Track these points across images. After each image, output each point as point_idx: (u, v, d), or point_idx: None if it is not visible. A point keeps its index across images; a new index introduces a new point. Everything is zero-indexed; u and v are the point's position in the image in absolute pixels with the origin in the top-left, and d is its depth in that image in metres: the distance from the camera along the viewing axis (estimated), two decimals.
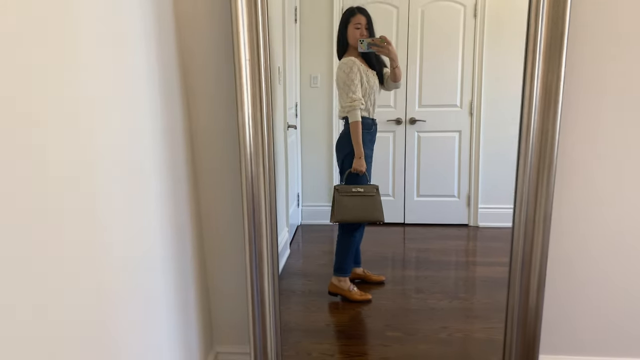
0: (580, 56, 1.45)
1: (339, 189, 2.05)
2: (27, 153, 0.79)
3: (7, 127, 0.75)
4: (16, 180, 0.76)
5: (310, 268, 2.33)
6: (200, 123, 1.65)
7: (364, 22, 1.97)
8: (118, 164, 1.12)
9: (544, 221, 1.38)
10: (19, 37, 0.78)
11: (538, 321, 1.45)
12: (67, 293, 0.90)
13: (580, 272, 1.66)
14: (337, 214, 2.05)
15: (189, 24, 1.55)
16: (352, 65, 1.98)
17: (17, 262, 0.77)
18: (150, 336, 1.30)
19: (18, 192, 0.77)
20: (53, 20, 0.88)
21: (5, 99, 0.74)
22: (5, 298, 0.74)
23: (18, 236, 0.77)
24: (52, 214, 0.86)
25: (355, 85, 1.98)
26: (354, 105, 1.99)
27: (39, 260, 0.82)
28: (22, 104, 0.78)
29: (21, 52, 0.79)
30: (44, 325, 0.83)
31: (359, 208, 2.05)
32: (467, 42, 2.05)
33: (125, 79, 1.17)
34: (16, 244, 0.76)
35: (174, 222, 1.48)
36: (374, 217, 2.05)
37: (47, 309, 0.84)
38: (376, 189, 2.06)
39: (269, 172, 1.47)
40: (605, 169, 1.55)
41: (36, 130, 0.82)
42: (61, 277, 0.89)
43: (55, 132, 0.87)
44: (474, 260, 2.28)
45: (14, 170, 0.76)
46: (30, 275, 0.80)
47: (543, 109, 1.31)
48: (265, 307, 1.57)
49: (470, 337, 1.88)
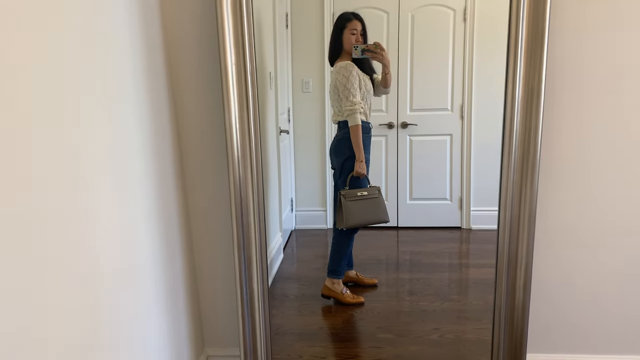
0: (561, 56, 1.47)
1: (344, 195, 2.06)
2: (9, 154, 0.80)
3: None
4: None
5: (303, 272, 2.33)
6: (187, 126, 1.66)
7: (360, 28, 1.99)
8: (106, 169, 1.13)
9: (528, 220, 1.40)
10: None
11: (525, 319, 1.46)
12: (57, 297, 0.91)
13: (567, 270, 1.67)
14: (348, 220, 2.05)
15: (175, 27, 1.57)
16: (351, 70, 1.99)
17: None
18: (140, 339, 1.30)
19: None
20: (37, 15, 0.89)
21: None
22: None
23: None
24: (40, 216, 0.87)
25: (355, 89, 2.00)
26: (355, 109, 2.00)
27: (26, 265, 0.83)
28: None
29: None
30: (33, 328, 0.84)
31: (367, 211, 2.07)
32: (457, 46, 2.07)
33: (111, 80, 1.18)
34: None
35: (163, 226, 1.48)
36: (381, 218, 2.09)
37: (32, 317, 0.85)
38: (378, 190, 2.07)
39: (257, 176, 1.48)
40: (590, 165, 1.57)
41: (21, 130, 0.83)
42: (49, 280, 0.90)
43: (42, 136, 0.89)
44: (467, 262, 2.28)
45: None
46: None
47: (525, 109, 1.32)
48: (255, 310, 1.58)
49: (461, 338, 1.89)
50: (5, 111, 0.80)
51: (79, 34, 1.04)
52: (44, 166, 0.90)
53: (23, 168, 0.84)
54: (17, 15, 0.84)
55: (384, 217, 2.09)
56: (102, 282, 1.11)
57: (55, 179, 0.93)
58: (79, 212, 1.01)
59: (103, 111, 1.13)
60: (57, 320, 0.93)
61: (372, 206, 2.07)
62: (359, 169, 2.05)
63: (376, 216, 2.08)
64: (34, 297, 0.86)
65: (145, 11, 1.39)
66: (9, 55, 0.81)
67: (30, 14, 0.87)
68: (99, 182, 1.10)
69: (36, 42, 0.89)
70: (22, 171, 0.83)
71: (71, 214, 0.98)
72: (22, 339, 0.83)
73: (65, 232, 0.96)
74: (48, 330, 0.90)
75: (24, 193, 0.84)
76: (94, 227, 1.08)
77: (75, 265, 0.99)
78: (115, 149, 1.18)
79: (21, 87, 0.84)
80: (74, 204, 1.00)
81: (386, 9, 2.09)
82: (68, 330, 0.96)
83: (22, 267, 0.83)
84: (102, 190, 1.11)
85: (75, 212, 1.00)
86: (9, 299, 0.80)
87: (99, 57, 1.12)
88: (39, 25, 0.90)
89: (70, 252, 0.98)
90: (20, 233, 0.83)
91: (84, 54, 1.05)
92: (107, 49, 1.16)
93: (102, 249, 1.11)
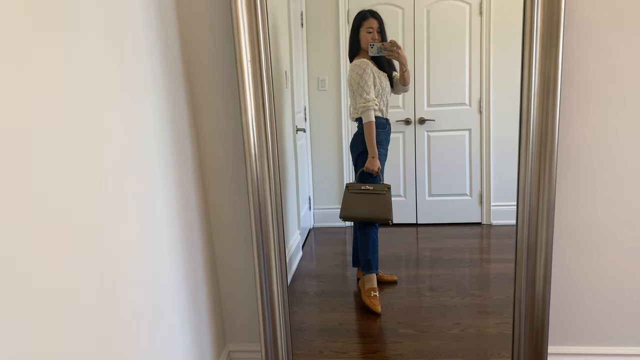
0: (577, 41, 1.45)
1: (348, 186, 2.07)
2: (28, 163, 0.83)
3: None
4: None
5: (323, 269, 2.34)
6: (205, 125, 1.68)
7: (376, 25, 1.99)
8: (127, 172, 1.15)
9: (547, 211, 1.38)
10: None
11: (545, 312, 1.44)
12: (81, 295, 0.93)
13: (588, 261, 1.64)
14: (343, 210, 2.06)
15: (192, 28, 1.59)
16: (365, 67, 2.00)
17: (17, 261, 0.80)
18: (163, 335, 1.33)
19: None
20: (55, 10, 0.92)
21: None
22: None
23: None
24: (60, 219, 0.89)
25: (368, 86, 2.01)
26: (368, 105, 2.01)
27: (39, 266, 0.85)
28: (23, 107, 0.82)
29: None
30: (56, 326, 0.87)
31: (366, 206, 2.05)
32: (473, 40, 2.05)
33: (129, 79, 1.20)
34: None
35: (183, 222, 1.51)
36: (381, 215, 2.05)
37: (60, 311, 0.87)
38: (387, 188, 2.06)
39: (274, 174, 1.50)
40: (608, 153, 1.54)
41: (46, 131, 0.85)
42: (73, 279, 0.92)
43: (65, 143, 0.91)
44: (487, 257, 2.26)
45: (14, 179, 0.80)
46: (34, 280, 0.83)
47: (542, 99, 1.31)
48: (275, 306, 1.59)
49: (482, 332, 1.87)
50: (24, 116, 0.82)
51: (103, 45, 1.06)
52: (62, 170, 0.92)
53: (38, 170, 0.86)
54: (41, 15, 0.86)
55: (383, 215, 2.04)
56: (124, 278, 1.13)
57: (75, 181, 0.95)
58: (106, 217, 1.04)
59: (121, 113, 1.16)
60: (76, 322, 0.95)
61: (373, 202, 2.05)
62: (370, 165, 2.05)
63: (374, 213, 2.05)
64: (55, 295, 0.89)
65: (162, 12, 1.41)
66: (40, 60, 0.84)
67: (50, 14, 0.90)
68: (123, 192, 1.13)
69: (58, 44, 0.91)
70: (37, 173, 0.86)
71: (96, 215, 1.01)
72: (42, 339, 0.85)
73: (88, 235, 0.98)
74: (65, 330, 0.92)
75: (38, 195, 0.86)
76: (120, 232, 1.10)
77: (96, 263, 1.02)
78: (137, 149, 1.21)
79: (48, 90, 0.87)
80: (99, 209, 1.02)
81: (401, 5, 2.08)
82: (87, 332, 0.99)
83: (43, 267, 0.85)
84: (123, 198, 1.14)
85: (100, 217, 1.02)
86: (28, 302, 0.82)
87: (117, 61, 1.15)
88: (61, 26, 0.93)
89: (90, 250, 1.00)
90: (38, 234, 0.85)
91: (103, 60, 1.08)
92: (121, 40, 1.18)
93: (125, 243, 1.14)
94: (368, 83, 2.00)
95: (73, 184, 0.94)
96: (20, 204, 0.79)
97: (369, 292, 2.11)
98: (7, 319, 0.76)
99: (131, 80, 1.21)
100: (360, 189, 2.06)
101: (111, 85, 1.11)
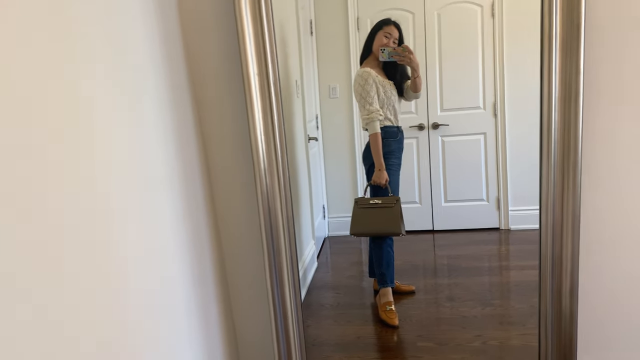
0: (600, 45, 1.40)
1: (357, 201, 2.04)
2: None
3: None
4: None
5: (338, 280, 2.30)
6: (212, 133, 1.66)
7: (396, 34, 1.97)
8: (134, 182, 1.13)
9: (572, 222, 1.32)
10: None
11: (573, 326, 1.39)
12: (82, 310, 0.91)
13: (616, 269, 1.58)
14: (353, 227, 2.03)
15: (196, 28, 1.57)
16: (367, 77, 1.98)
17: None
18: (174, 356, 1.30)
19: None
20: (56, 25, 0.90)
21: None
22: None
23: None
24: (66, 230, 0.87)
25: (371, 97, 1.98)
26: (372, 117, 1.98)
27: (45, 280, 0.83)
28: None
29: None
30: (60, 340, 0.84)
31: (375, 221, 2.02)
32: (486, 42, 2.02)
33: (132, 94, 1.18)
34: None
35: (192, 237, 1.48)
36: (390, 230, 2.02)
37: (62, 324, 0.85)
38: (396, 200, 2.02)
39: (285, 186, 1.46)
40: (634, 161, 1.48)
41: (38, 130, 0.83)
42: (78, 293, 0.89)
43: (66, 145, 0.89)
44: (507, 264, 2.21)
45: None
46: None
47: (564, 105, 1.26)
48: (289, 323, 1.55)
49: (505, 344, 1.82)
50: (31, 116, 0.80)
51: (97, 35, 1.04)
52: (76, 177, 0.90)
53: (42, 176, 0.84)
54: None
55: (392, 229, 2.01)
56: (130, 297, 1.11)
57: (80, 187, 0.93)
58: (112, 231, 1.01)
59: (122, 120, 1.13)
60: (88, 325, 0.92)
61: (382, 216, 2.01)
62: (376, 178, 2.02)
63: (384, 228, 2.02)
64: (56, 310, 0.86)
65: (165, 24, 1.39)
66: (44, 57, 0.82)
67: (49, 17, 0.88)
68: (129, 205, 1.10)
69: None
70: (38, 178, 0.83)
71: (101, 230, 0.98)
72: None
73: (93, 247, 0.96)
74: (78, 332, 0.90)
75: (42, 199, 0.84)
76: (128, 248, 1.08)
77: (105, 281, 0.99)
78: (141, 159, 1.19)
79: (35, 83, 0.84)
80: (105, 220, 1.00)
81: (411, 10, 2.06)
82: (94, 349, 0.96)
83: (45, 277, 0.83)
84: (130, 211, 1.11)
85: (105, 232, 1.00)
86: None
87: (121, 72, 1.13)
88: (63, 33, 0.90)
89: (102, 269, 0.98)
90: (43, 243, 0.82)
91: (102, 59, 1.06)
92: (127, 64, 1.16)
93: (133, 261, 1.11)
94: (370, 94, 1.98)
95: (78, 190, 0.92)
96: (25, 208, 0.76)
97: (385, 307, 2.07)
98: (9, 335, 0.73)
99: (132, 96, 1.18)
100: (368, 204, 2.03)
101: (115, 104, 1.09)
